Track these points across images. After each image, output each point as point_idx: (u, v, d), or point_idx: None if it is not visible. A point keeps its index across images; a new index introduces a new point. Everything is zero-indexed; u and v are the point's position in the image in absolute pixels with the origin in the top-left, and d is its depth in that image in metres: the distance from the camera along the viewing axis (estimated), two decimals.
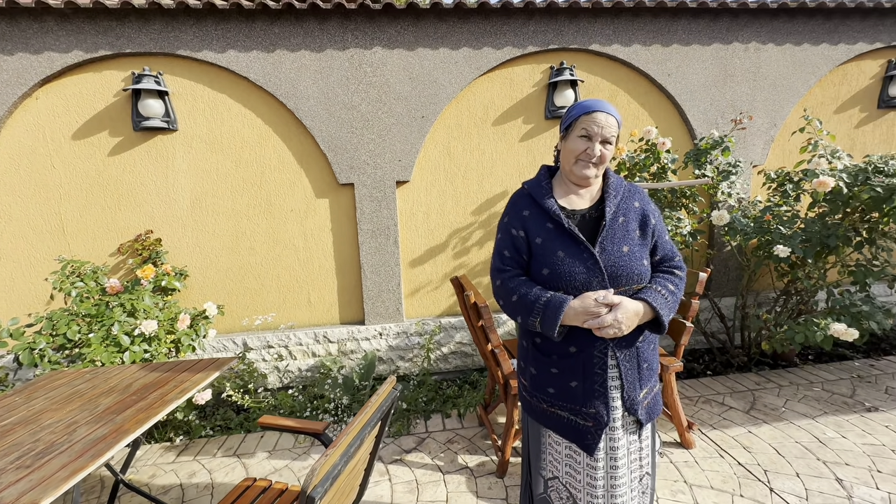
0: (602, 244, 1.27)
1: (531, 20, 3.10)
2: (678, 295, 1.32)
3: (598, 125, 1.26)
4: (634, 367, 1.31)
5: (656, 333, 1.32)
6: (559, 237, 1.29)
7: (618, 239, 1.28)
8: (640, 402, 1.32)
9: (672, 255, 1.38)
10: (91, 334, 2.19)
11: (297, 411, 2.77)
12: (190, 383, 1.65)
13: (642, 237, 1.32)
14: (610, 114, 1.27)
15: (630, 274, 1.26)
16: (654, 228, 1.35)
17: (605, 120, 1.26)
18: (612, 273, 1.25)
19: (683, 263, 1.40)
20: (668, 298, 1.28)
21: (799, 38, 3.37)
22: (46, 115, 2.86)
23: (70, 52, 2.77)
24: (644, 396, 1.34)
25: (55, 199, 2.94)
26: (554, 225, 1.31)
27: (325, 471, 0.92)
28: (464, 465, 2.29)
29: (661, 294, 1.27)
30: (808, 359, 3.42)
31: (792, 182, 2.75)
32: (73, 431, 1.34)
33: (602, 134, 1.26)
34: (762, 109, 3.41)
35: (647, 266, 1.30)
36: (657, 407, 1.40)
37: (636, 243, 1.30)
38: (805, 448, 2.27)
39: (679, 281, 1.34)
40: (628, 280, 1.26)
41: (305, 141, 3.10)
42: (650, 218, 1.34)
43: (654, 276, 1.33)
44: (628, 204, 1.35)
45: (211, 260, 3.13)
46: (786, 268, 2.97)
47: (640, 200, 1.37)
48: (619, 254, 1.26)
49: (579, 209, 1.35)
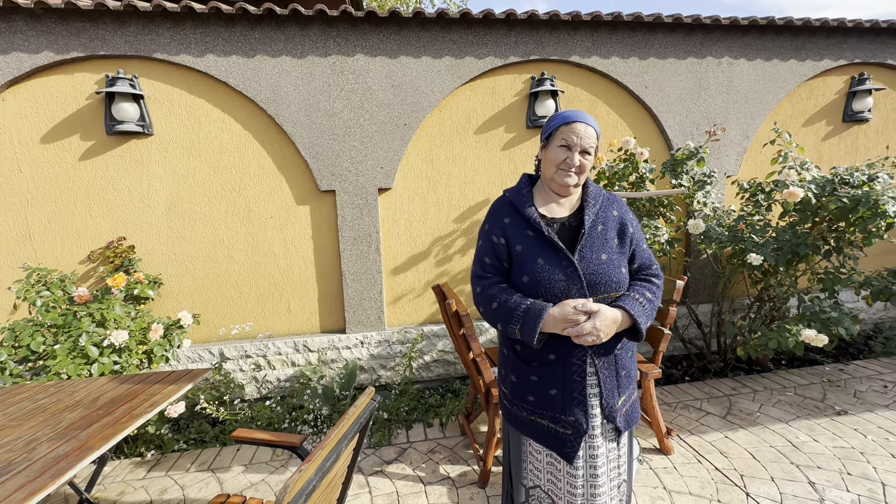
0: (581, 252, 1.28)
1: (512, 31, 3.14)
2: (655, 303, 1.34)
3: (578, 135, 1.28)
4: (613, 374, 1.32)
5: (634, 341, 1.34)
6: (539, 245, 1.30)
7: (596, 247, 1.30)
8: (619, 410, 1.33)
9: (650, 264, 1.40)
10: (57, 346, 2.10)
11: (276, 423, 2.70)
12: (161, 396, 1.59)
13: (620, 245, 1.34)
14: (589, 125, 1.29)
15: (608, 282, 1.28)
16: (632, 237, 1.37)
17: (585, 130, 1.28)
18: (590, 281, 1.26)
19: (661, 272, 1.42)
20: (646, 306, 1.30)
21: (769, 54, 3.50)
22: (13, 118, 2.76)
23: (40, 53, 2.69)
24: (623, 403, 1.35)
25: (21, 205, 2.83)
26: (534, 233, 1.32)
27: (298, 487, 0.89)
28: (445, 475, 2.27)
29: (638, 302, 1.29)
30: (781, 364, 3.51)
31: (763, 192, 2.84)
32: (34, 449, 1.28)
33: (581, 144, 1.28)
34: (735, 121, 3.52)
35: (625, 274, 1.32)
36: (635, 414, 1.41)
37: (614, 251, 1.32)
38: (779, 452, 2.31)
39: (656, 289, 1.36)
40: (606, 288, 1.28)
41: (286, 147, 3.06)
42: (628, 226, 1.37)
43: (632, 284, 1.36)
44: (607, 213, 1.37)
45: (187, 267, 3.05)
46: (759, 275, 3.05)
47: (618, 209, 1.39)
48: (598, 262, 1.28)
49: (559, 217, 1.37)
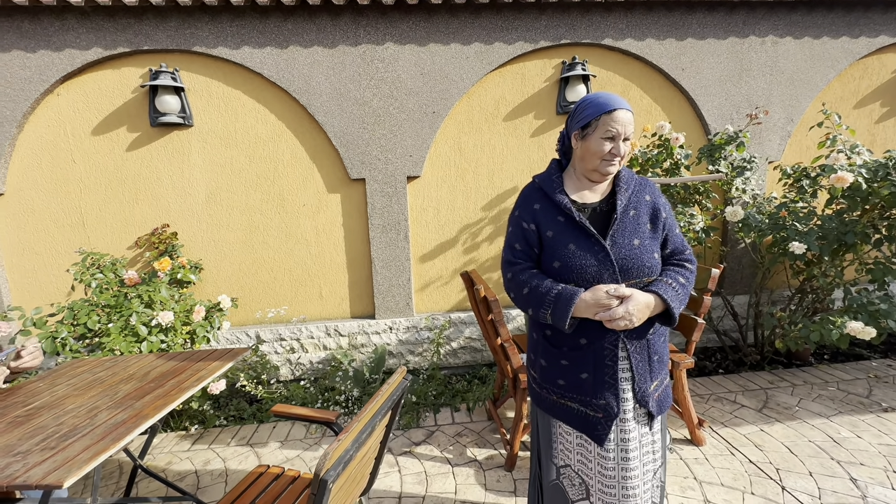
0: (613, 237, 1.28)
1: (543, 15, 3.08)
2: (688, 288, 1.33)
3: (622, 124, 1.26)
4: (645, 358, 1.32)
5: (667, 326, 1.33)
6: (570, 230, 1.30)
7: (628, 232, 1.29)
8: (651, 395, 1.33)
9: (682, 249, 1.39)
10: (110, 324, 2.25)
11: (309, 402, 2.81)
12: (206, 372, 1.69)
13: (653, 230, 1.33)
14: (628, 110, 1.27)
15: (641, 267, 1.27)
16: (665, 222, 1.35)
17: (625, 117, 1.26)
18: (622, 266, 1.26)
19: (693, 257, 1.40)
20: (679, 291, 1.29)
21: (818, 32, 3.30)
22: (68, 111, 2.94)
23: (90, 49, 2.84)
24: (655, 388, 1.35)
25: (76, 193, 3.02)
26: (565, 218, 1.32)
27: (337, 455, 0.94)
28: (472, 458, 2.31)
29: (671, 286, 1.28)
30: (823, 358, 3.36)
31: (809, 178, 2.70)
32: (95, 416, 1.39)
33: (625, 132, 1.27)
34: (779, 104, 3.35)
35: (657, 259, 1.31)
36: (668, 400, 1.41)
37: (647, 236, 1.31)
38: (819, 447, 2.24)
39: (689, 274, 1.35)
40: (639, 273, 1.27)
41: (318, 136, 3.13)
42: (661, 211, 1.35)
43: (664, 269, 1.34)
44: (639, 197, 1.36)
45: (225, 253, 3.19)
46: (801, 265, 2.92)
47: (650, 194, 1.38)
48: (630, 247, 1.27)
49: (590, 203, 1.36)
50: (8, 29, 2.76)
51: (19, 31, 2.77)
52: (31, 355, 1.62)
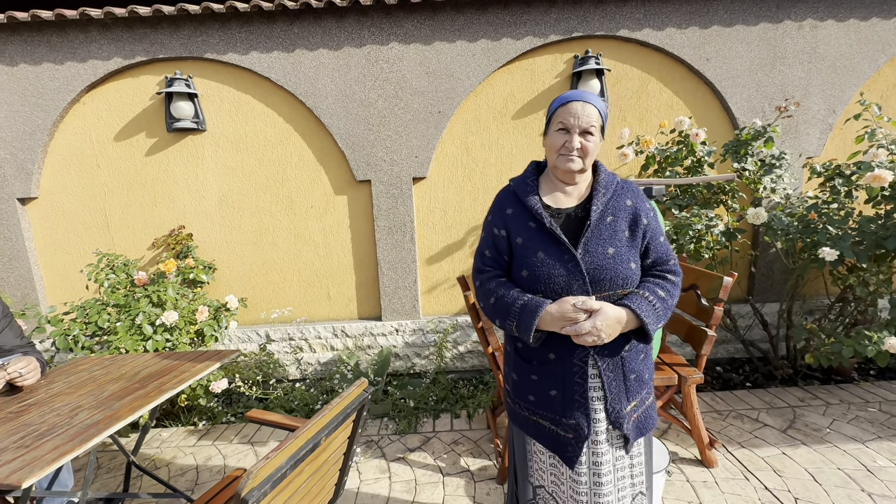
0: (585, 245, 1.19)
1: (553, 7, 2.95)
2: (670, 302, 1.21)
3: (575, 115, 1.18)
4: (619, 377, 1.22)
5: (642, 343, 1.22)
6: (540, 237, 1.22)
7: (603, 240, 1.19)
8: (627, 416, 1.23)
9: (665, 259, 1.27)
10: (119, 323, 2.36)
11: (310, 403, 2.84)
12: (189, 374, 1.72)
13: (631, 238, 1.23)
14: (588, 102, 1.18)
15: (614, 278, 1.17)
16: (646, 229, 1.25)
17: (583, 109, 1.17)
18: (594, 276, 1.17)
19: (679, 268, 1.28)
20: (657, 305, 1.17)
21: (866, 12, 2.97)
22: (92, 119, 3.10)
23: (111, 60, 2.98)
24: (632, 410, 1.24)
25: (101, 197, 3.19)
26: (536, 224, 1.24)
27: (264, 474, 0.91)
28: (465, 468, 2.25)
29: (647, 300, 1.17)
30: (869, 374, 3.05)
31: (843, 176, 2.43)
32: (76, 415, 1.44)
33: (580, 125, 1.18)
34: (818, 94, 3.05)
35: (634, 270, 1.21)
36: (649, 422, 1.29)
37: (623, 245, 1.21)
38: (848, 476, 2.01)
39: (671, 286, 1.23)
40: (612, 284, 1.18)
41: (324, 139, 3.15)
42: (641, 217, 1.24)
43: (643, 281, 1.24)
44: (618, 202, 1.26)
45: (237, 254, 3.28)
46: (842, 272, 2.64)
47: (632, 198, 1.27)
48: (604, 256, 1.17)
49: (565, 208, 1.27)
50: (39, 43, 2.95)
51: (49, 44, 2.95)
52: (30, 373, 1.66)
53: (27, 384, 1.65)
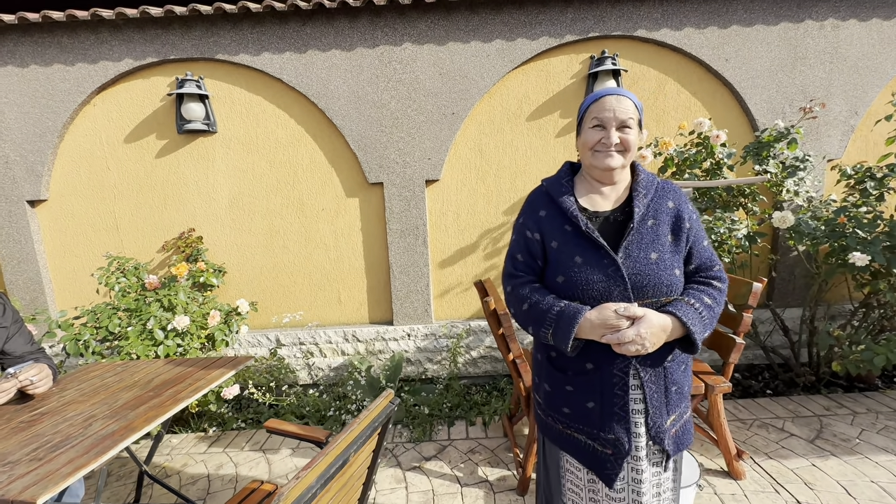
0: (627, 250, 1.12)
1: (569, 7, 2.90)
2: (716, 309, 1.15)
3: (610, 109, 1.13)
4: (661, 389, 1.15)
5: (688, 353, 1.15)
6: (577, 241, 1.16)
7: (645, 244, 1.13)
8: (667, 431, 1.16)
9: (710, 264, 1.20)
10: (130, 328, 2.31)
11: (322, 410, 2.79)
12: (204, 381, 1.67)
13: (675, 242, 1.16)
14: (623, 95, 1.13)
15: (657, 284, 1.11)
16: (689, 232, 1.18)
17: (617, 102, 1.12)
18: (636, 283, 1.10)
19: (724, 274, 1.21)
20: (703, 313, 1.11)
21: (889, 12, 2.91)
22: (103, 121, 3.07)
23: (122, 61, 2.95)
24: (672, 424, 1.18)
25: (110, 199, 3.16)
26: (572, 227, 1.18)
27: (294, 496, 0.86)
28: (483, 478, 2.19)
29: (693, 308, 1.10)
30: (893, 381, 2.97)
31: (874, 179, 2.37)
32: (90, 425, 1.39)
33: (617, 118, 1.12)
34: (840, 95, 2.99)
35: (678, 276, 1.15)
36: (687, 437, 1.23)
37: (667, 249, 1.14)
38: (882, 490, 1.94)
39: (717, 293, 1.17)
40: (655, 291, 1.11)
41: (336, 141, 3.11)
42: (684, 220, 1.17)
43: (687, 288, 1.17)
44: (660, 204, 1.19)
45: (247, 257, 3.23)
46: (866, 277, 2.58)
47: (674, 200, 1.20)
48: (646, 261, 1.11)
49: (602, 211, 1.21)
50: (49, 44, 2.92)
51: (59, 45, 2.92)
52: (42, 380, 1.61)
53: (39, 392, 1.60)
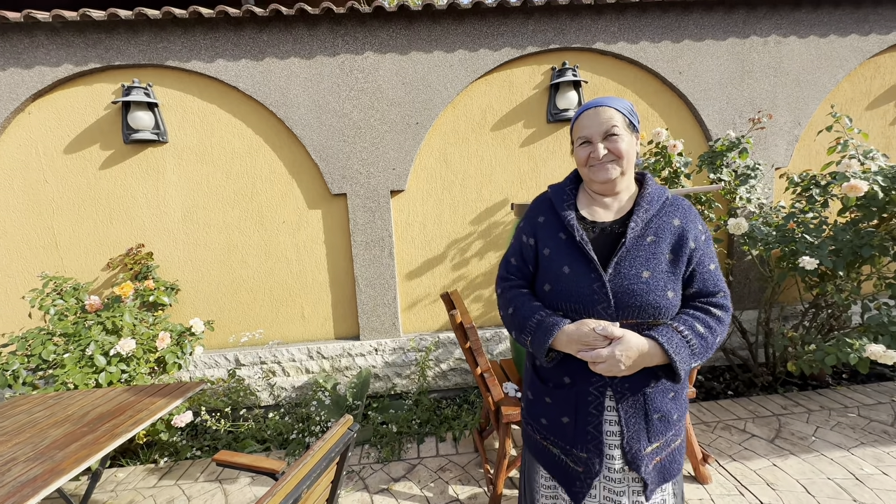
0: (617, 265, 1.06)
1: (530, 19, 2.94)
2: (710, 340, 1.06)
3: (589, 125, 1.11)
4: (640, 414, 1.09)
5: (671, 381, 1.08)
6: (568, 251, 1.12)
7: (639, 262, 1.06)
8: (646, 458, 1.10)
9: (714, 290, 1.11)
10: (67, 354, 2.12)
11: (284, 433, 2.64)
12: (146, 413, 1.53)
13: (673, 263, 1.08)
14: (602, 106, 1.11)
15: (644, 305, 1.04)
16: (693, 253, 1.09)
17: (595, 115, 1.10)
18: (620, 301, 1.04)
19: (728, 302, 1.11)
20: (693, 342, 1.03)
21: (824, 30, 3.11)
22: (39, 130, 2.85)
23: (60, 66, 2.75)
24: (654, 452, 1.11)
25: (48, 214, 2.92)
26: (566, 236, 1.14)
27: None
28: (454, 496, 2.12)
29: (680, 335, 1.02)
30: (842, 378, 3.12)
31: (819, 186, 2.49)
32: (8, 471, 1.24)
33: (600, 130, 1.09)
34: (785, 107, 3.15)
35: (671, 299, 1.06)
36: (674, 467, 1.15)
37: (662, 269, 1.06)
38: (839, 486, 2.00)
39: (715, 322, 1.07)
40: (641, 312, 1.05)
41: (297, 151, 3.01)
42: (688, 241, 1.08)
43: (681, 313, 1.09)
44: (664, 221, 1.11)
45: (203, 273, 3.06)
46: (814, 280, 2.70)
47: (681, 218, 1.11)
48: (636, 279, 1.05)
49: (602, 221, 1.15)
50: None
51: None
52: None
53: None
